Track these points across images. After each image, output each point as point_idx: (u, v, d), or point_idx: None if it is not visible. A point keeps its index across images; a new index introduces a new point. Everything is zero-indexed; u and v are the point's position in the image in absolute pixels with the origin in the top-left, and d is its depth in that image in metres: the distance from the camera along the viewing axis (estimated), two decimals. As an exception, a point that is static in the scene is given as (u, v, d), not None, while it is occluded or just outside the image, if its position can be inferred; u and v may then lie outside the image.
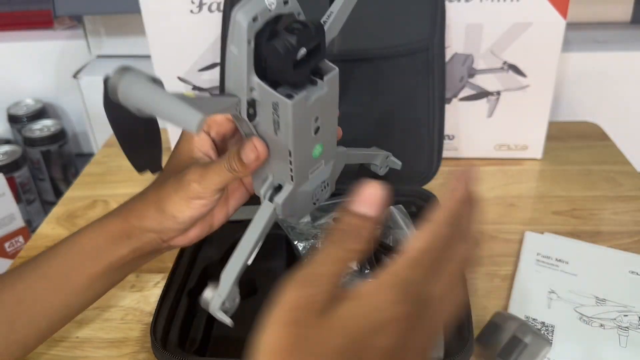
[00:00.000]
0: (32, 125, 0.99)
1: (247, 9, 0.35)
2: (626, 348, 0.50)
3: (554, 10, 0.68)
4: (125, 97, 0.32)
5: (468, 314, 0.48)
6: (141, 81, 0.32)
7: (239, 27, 0.35)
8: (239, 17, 0.35)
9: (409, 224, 0.58)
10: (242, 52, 0.35)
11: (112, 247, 0.44)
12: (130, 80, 0.32)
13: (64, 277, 0.44)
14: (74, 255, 0.44)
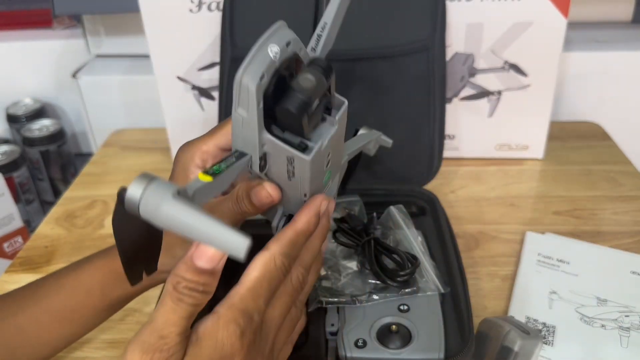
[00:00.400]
0: (31, 125, 0.99)
1: (254, 70, 0.32)
2: (627, 348, 0.49)
3: (555, 9, 0.68)
4: (150, 215, 0.29)
5: (469, 314, 0.48)
6: (168, 198, 0.29)
7: (248, 92, 0.32)
8: (245, 81, 0.31)
9: (409, 224, 0.58)
10: (252, 115, 0.33)
11: (118, 285, 0.44)
12: (156, 196, 0.29)
13: (69, 312, 0.44)
14: (80, 292, 0.44)
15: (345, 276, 0.53)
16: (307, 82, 0.33)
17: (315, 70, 0.34)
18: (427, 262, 0.53)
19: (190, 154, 0.41)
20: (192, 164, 0.41)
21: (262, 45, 0.32)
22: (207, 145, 0.41)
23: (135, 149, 0.87)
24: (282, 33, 0.33)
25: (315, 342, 0.47)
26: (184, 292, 0.31)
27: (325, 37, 0.38)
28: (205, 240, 0.29)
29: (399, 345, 0.46)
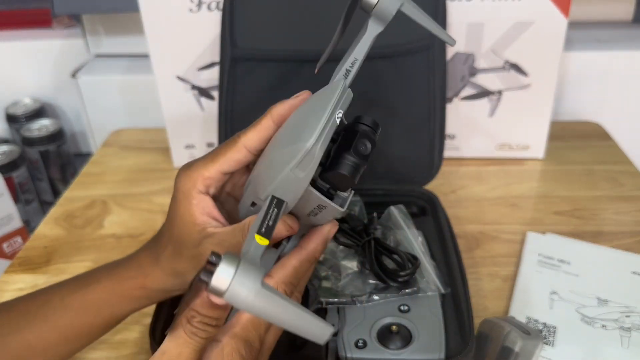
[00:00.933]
0: (30, 125, 0.98)
1: (325, 141, 0.34)
2: (628, 349, 0.49)
3: (556, 9, 0.68)
4: (238, 304, 0.29)
5: (469, 314, 0.48)
6: (257, 290, 0.29)
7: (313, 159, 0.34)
8: (316, 152, 0.33)
9: (410, 224, 0.57)
10: (308, 176, 0.34)
11: (126, 305, 0.44)
12: (244, 289, 0.29)
13: (77, 330, 0.44)
14: (88, 312, 0.44)
15: (345, 276, 0.53)
16: (364, 148, 0.36)
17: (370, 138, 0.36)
18: (428, 262, 0.53)
19: (192, 181, 0.40)
20: (195, 190, 0.40)
21: (333, 113, 0.34)
22: (209, 172, 0.40)
23: (135, 149, 0.87)
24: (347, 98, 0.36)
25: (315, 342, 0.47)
26: (198, 327, 0.33)
27: (354, 73, 0.39)
28: (292, 327, 0.30)
29: (399, 345, 0.46)
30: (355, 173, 0.35)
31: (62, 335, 0.43)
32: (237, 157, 0.40)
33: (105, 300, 0.43)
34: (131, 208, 0.74)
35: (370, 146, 0.36)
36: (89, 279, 0.44)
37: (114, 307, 0.44)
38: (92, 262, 0.64)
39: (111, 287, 0.43)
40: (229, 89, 0.70)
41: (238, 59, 0.69)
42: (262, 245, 0.32)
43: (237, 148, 0.40)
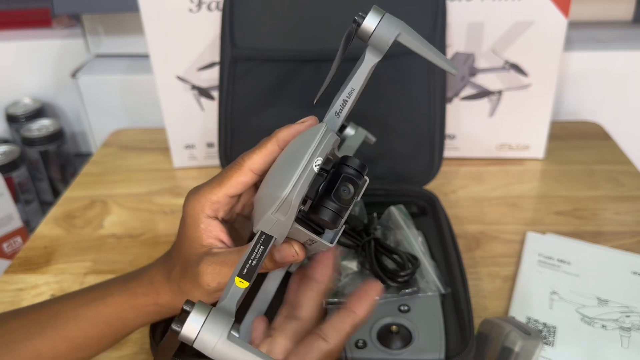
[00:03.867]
0: (30, 125, 0.99)
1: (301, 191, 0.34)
2: (628, 349, 0.49)
3: (556, 9, 0.68)
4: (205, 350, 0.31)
5: (469, 315, 0.48)
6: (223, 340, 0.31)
7: (290, 206, 0.34)
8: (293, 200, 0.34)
9: (410, 224, 0.57)
10: (289, 219, 0.35)
11: (138, 319, 0.44)
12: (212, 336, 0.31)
13: (88, 341, 0.44)
14: (100, 324, 0.44)
15: (345, 276, 0.53)
16: (346, 193, 0.35)
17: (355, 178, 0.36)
18: (428, 262, 0.53)
19: (200, 206, 0.41)
20: (203, 214, 0.41)
21: (309, 162, 0.34)
22: (216, 196, 0.40)
23: (135, 149, 0.87)
24: (328, 143, 0.35)
25: None
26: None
27: (351, 102, 0.38)
28: None
29: (399, 345, 0.46)
30: (336, 218, 0.35)
31: (73, 345, 0.44)
32: (243, 180, 0.40)
33: (117, 313, 0.44)
34: (131, 208, 0.74)
35: (353, 190, 0.36)
36: (102, 292, 0.45)
37: (126, 320, 0.44)
38: (92, 262, 0.64)
39: (124, 302, 0.44)
40: (228, 89, 0.70)
41: (238, 59, 0.69)
42: (241, 289, 0.33)
43: (242, 171, 0.40)
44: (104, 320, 0.44)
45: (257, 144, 0.41)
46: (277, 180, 0.36)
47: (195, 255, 0.41)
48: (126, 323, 0.44)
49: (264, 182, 0.39)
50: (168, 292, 0.43)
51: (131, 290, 0.44)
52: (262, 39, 0.69)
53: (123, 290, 0.44)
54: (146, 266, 0.46)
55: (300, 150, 0.36)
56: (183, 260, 0.42)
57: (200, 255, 0.40)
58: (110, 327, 0.44)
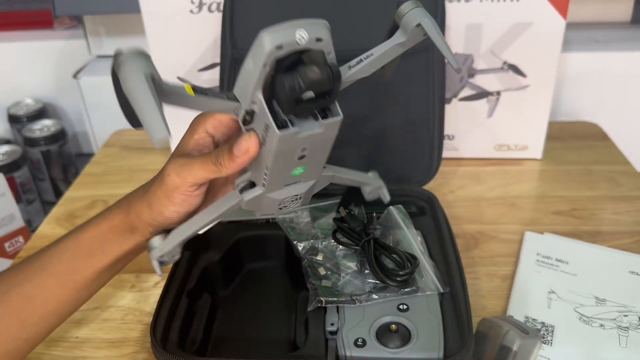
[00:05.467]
0: (32, 125, 0.99)
1: (275, 36, 0.35)
2: (626, 348, 0.50)
3: (554, 10, 0.68)
4: (122, 80, 0.35)
5: (468, 314, 0.48)
6: (135, 73, 0.34)
7: (261, 49, 0.35)
8: (264, 41, 0.34)
9: (409, 224, 0.58)
10: (256, 70, 0.35)
11: (118, 241, 0.45)
12: (128, 68, 0.34)
13: (74, 274, 0.45)
14: (82, 252, 0.45)
15: (345, 276, 0.53)
16: (311, 73, 0.36)
17: (324, 70, 0.36)
18: (427, 262, 0.53)
19: (204, 119, 0.43)
20: (202, 127, 0.43)
21: (293, 26, 0.36)
22: (222, 115, 0.43)
23: (136, 149, 0.87)
24: (317, 28, 0.37)
25: (315, 341, 0.48)
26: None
27: (365, 64, 0.41)
28: (140, 118, 0.33)
29: (398, 344, 0.46)
30: (292, 90, 0.35)
31: (59, 281, 0.44)
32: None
33: (99, 238, 0.45)
34: (132, 208, 0.74)
35: (319, 74, 0.36)
36: (80, 225, 0.47)
37: (105, 246, 0.45)
38: (93, 262, 0.64)
39: (101, 225, 0.45)
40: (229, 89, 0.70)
41: (239, 59, 0.69)
42: (184, 88, 0.36)
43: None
44: (85, 249, 0.45)
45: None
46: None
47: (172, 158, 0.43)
48: (106, 248, 0.45)
49: None
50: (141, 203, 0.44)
51: (108, 212, 0.46)
52: (263, 40, 0.69)
53: (101, 216, 0.46)
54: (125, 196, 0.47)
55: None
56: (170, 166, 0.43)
57: (174, 157, 0.42)
58: (92, 255, 0.45)
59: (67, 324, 0.56)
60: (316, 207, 0.60)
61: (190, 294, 0.54)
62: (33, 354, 0.52)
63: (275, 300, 0.57)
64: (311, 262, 0.54)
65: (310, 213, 0.60)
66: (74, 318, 0.57)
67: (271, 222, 0.61)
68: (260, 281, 0.59)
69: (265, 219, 0.62)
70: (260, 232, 0.60)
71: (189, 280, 0.55)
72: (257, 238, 0.60)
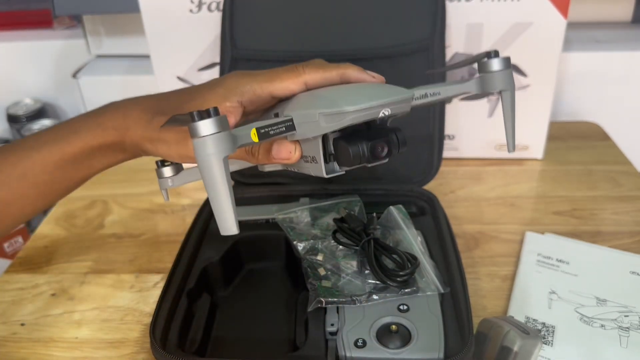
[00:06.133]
0: (31, 125, 0.99)
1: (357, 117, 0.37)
2: (627, 348, 0.50)
3: (555, 9, 0.68)
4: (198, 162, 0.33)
5: (468, 314, 0.48)
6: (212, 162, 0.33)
7: (341, 119, 0.36)
8: (345, 117, 0.36)
9: (409, 224, 0.58)
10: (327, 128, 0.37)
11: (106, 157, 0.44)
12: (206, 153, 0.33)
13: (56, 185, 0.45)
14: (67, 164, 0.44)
15: (345, 276, 0.53)
16: (380, 151, 0.40)
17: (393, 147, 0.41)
18: (427, 262, 0.53)
19: (241, 89, 0.41)
20: (236, 98, 0.41)
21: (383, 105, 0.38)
22: (261, 89, 0.41)
23: (136, 149, 0.87)
24: (403, 107, 0.39)
25: (315, 342, 0.47)
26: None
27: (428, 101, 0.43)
28: (213, 203, 0.34)
29: (398, 345, 0.46)
30: (355, 159, 0.38)
31: (40, 191, 0.44)
32: (293, 88, 0.41)
33: (85, 154, 0.43)
34: (131, 208, 0.74)
35: (386, 153, 0.39)
36: (67, 130, 0.44)
37: (92, 161, 0.44)
38: (92, 262, 0.64)
39: (91, 140, 0.43)
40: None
41: (238, 59, 0.69)
42: (251, 138, 0.36)
43: (298, 80, 0.41)
44: (72, 162, 0.43)
45: (324, 65, 0.41)
46: (343, 95, 0.38)
47: None
48: (92, 163, 0.44)
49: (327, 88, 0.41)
50: (141, 131, 0.42)
51: (102, 126, 0.43)
52: (263, 40, 0.69)
53: (90, 128, 0.43)
54: (120, 100, 0.45)
55: (379, 92, 0.38)
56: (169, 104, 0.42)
57: None
58: (77, 169, 0.44)
59: (67, 324, 0.56)
60: (316, 207, 0.60)
61: (190, 294, 0.54)
62: (33, 354, 0.52)
63: (275, 301, 0.57)
64: (311, 262, 0.54)
65: (310, 213, 0.60)
66: (74, 318, 0.56)
67: (271, 222, 0.61)
68: (260, 281, 0.59)
69: (265, 219, 0.62)
70: (260, 232, 0.60)
71: (189, 280, 0.55)
72: (257, 238, 0.60)
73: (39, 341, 0.54)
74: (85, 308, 0.58)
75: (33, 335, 0.55)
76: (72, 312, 0.57)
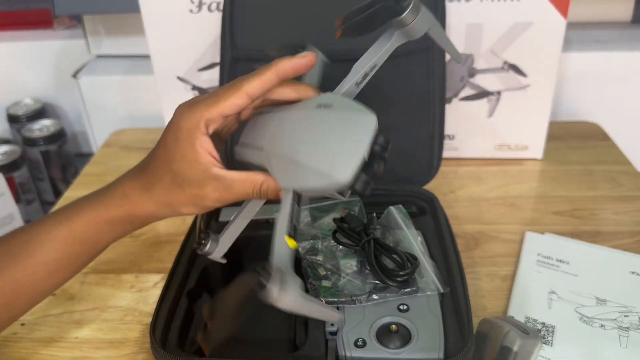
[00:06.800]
0: (31, 125, 0.99)
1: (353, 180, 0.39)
2: (627, 348, 0.50)
3: (555, 9, 0.68)
4: (283, 304, 0.37)
5: (468, 314, 0.48)
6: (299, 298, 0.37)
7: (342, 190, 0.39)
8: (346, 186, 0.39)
9: (409, 224, 0.58)
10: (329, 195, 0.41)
11: (112, 231, 0.45)
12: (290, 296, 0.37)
13: (65, 262, 0.45)
14: (74, 243, 0.45)
15: (345, 276, 0.53)
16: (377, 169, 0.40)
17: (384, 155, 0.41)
18: (427, 262, 0.53)
19: (194, 121, 0.41)
20: (199, 131, 0.41)
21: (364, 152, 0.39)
22: (211, 114, 0.41)
23: (136, 149, 0.87)
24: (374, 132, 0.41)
25: (315, 341, 0.48)
26: None
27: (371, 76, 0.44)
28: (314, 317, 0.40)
29: (398, 345, 0.46)
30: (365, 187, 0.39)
31: (50, 268, 0.44)
32: (239, 102, 0.41)
33: (91, 229, 0.45)
34: (132, 208, 0.74)
35: (382, 167, 0.40)
36: (73, 211, 0.45)
37: (100, 236, 0.45)
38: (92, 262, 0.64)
39: (97, 216, 0.44)
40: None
41: (238, 59, 0.69)
42: (292, 249, 0.38)
43: (239, 94, 0.41)
44: (78, 239, 0.44)
45: (257, 70, 0.42)
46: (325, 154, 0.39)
47: (192, 173, 0.42)
48: (100, 238, 0.45)
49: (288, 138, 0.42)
50: (148, 203, 0.44)
51: (104, 204, 0.45)
52: (263, 40, 0.69)
53: (94, 207, 0.45)
54: (115, 180, 0.46)
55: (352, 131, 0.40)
56: (174, 175, 0.42)
57: (202, 177, 0.42)
58: (84, 244, 0.45)
59: (67, 324, 0.56)
60: (316, 207, 0.60)
61: (190, 294, 0.54)
62: (33, 354, 0.52)
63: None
64: (311, 262, 0.54)
65: (310, 213, 0.60)
66: (74, 318, 0.57)
67: (271, 222, 0.61)
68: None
69: (265, 219, 0.62)
70: (260, 232, 0.60)
71: (189, 280, 0.55)
72: (257, 238, 0.60)
73: (39, 341, 0.54)
74: (85, 308, 0.58)
75: (33, 335, 0.55)
76: (72, 312, 0.57)
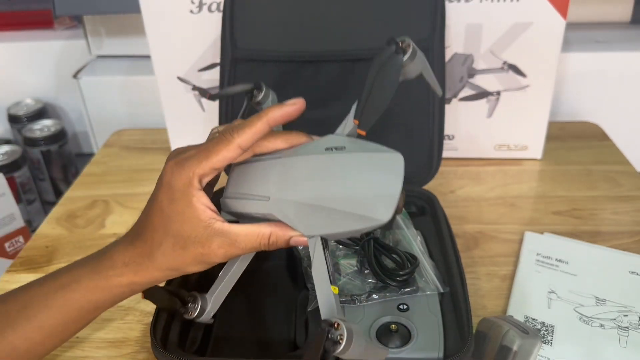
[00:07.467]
0: (32, 125, 0.99)
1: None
2: (626, 348, 0.50)
3: (554, 10, 0.68)
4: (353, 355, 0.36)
5: (468, 314, 0.49)
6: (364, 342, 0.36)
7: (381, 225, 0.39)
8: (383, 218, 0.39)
9: (409, 223, 0.58)
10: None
11: (111, 301, 0.44)
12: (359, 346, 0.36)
13: (62, 327, 0.44)
14: (71, 310, 0.44)
15: (345, 276, 0.53)
16: None
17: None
18: (427, 261, 0.54)
19: (186, 179, 0.40)
20: (193, 188, 0.40)
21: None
22: (203, 170, 0.40)
23: (136, 149, 0.87)
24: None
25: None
26: None
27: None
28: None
29: (398, 344, 0.46)
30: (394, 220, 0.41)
31: (46, 333, 0.44)
32: (231, 155, 0.41)
33: (88, 297, 0.43)
34: (132, 208, 0.74)
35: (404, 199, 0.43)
36: (69, 279, 0.44)
37: (98, 303, 0.44)
38: (93, 262, 0.64)
39: (94, 286, 0.43)
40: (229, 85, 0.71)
41: (239, 59, 0.69)
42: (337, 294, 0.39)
43: (231, 147, 0.40)
44: (76, 306, 0.43)
45: (247, 121, 0.41)
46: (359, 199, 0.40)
47: (194, 231, 0.40)
48: (98, 305, 0.44)
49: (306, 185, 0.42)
50: (152, 271, 0.42)
51: (102, 274, 0.43)
52: (263, 40, 0.69)
53: (91, 277, 0.43)
54: (110, 247, 0.44)
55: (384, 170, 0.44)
56: (175, 237, 0.41)
57: (205, 234, 0.40)
58: (82, 311, 0.44)
59: (68, 323, 0.56)
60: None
61: (190, 294, 0.54)
62: (33, 354, 0.52)
63: (275, 300, 0.57)
64: (311, 262, 0.54)
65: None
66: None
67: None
68: (260, 281, 0.59)
69: None
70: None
71: (189, 279, 0.55)
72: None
73: (40, 341, 0.54)
74: (86, 308, 0.58)
75: (34, 335, 0.55)
76: (73, 312, 0.57)
